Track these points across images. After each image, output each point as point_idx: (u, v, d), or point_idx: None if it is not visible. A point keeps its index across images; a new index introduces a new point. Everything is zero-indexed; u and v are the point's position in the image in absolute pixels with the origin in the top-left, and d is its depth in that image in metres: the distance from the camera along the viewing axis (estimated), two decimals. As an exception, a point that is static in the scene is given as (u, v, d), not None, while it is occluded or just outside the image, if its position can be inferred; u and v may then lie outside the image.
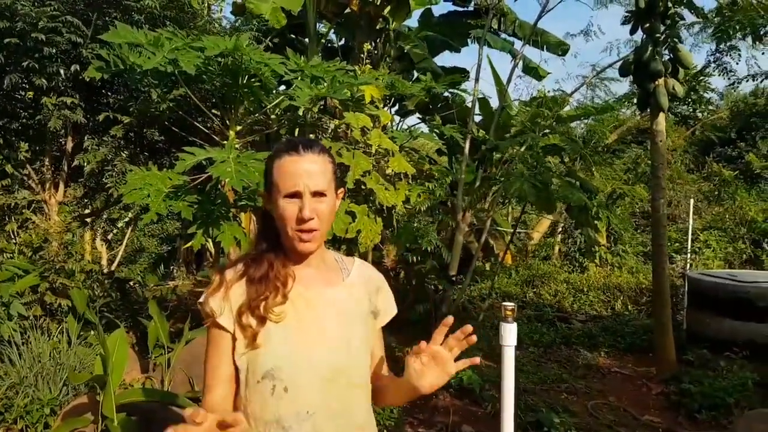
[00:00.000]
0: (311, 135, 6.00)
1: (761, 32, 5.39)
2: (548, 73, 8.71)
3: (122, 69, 3.57)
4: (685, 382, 4.93)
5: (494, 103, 8.49)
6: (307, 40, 7.96)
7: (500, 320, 1.92)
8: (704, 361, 5.28)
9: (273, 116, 5.38)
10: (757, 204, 9.60)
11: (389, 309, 1.42)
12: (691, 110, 13.11)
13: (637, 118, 11.86)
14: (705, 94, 12.62)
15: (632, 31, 5.44)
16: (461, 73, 7.39)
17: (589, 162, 5.73)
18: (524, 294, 8.65)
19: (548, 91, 7.49)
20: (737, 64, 5.42)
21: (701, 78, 10.68)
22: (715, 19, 5.62)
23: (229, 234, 3.49)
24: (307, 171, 1.22)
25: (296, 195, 1.22)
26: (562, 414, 4.46)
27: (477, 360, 1.26)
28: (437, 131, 5.81)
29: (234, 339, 1.23)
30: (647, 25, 5.29)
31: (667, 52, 5.29)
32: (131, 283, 4.45)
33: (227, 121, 4.00)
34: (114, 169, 3.92)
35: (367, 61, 4.66)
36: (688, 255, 7.35)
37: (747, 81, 5.23)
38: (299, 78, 4.01)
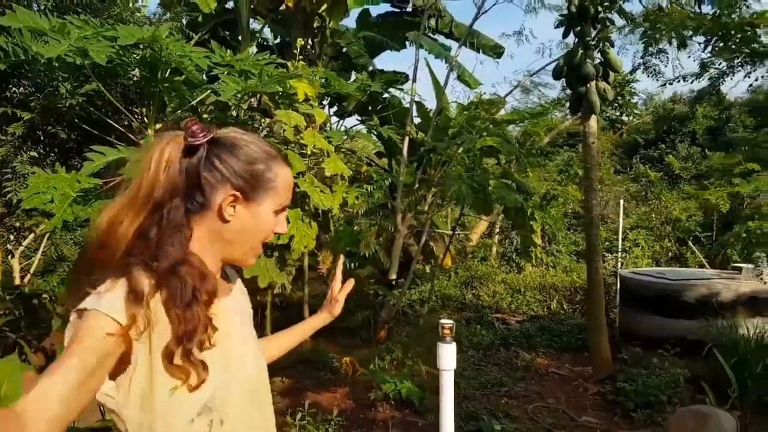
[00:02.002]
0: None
1: (685, 38, 5.54)
2: (480, 84, 8.76)
3: (23, 59, 3.21)
4: (620, 381, 4.99)
5: (432, 105, 8.46)
6: (240, 37, 7.65)
7: (438, 340, 1.77)
8: (638, 359, 5.37)
9: (205, 114, 5.08)
10: (678, 203, 10.02)
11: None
12: (617, 114, 13.61)
13: (567, 122, 12.16)
14: (631, 99, 13.14)
15: (565, 35, 5.49)
16: (400, 75, 7.28)
17: (524, 164, 5.75)
18: (463, 296, 8.64)
19: (483, 94, 7.50)
20: (665, 66, 5.64)
21: (628, 82, 11.09)
22: (644, 24, 5.75)
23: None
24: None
25: (283, 210, 1.14)
26: (502, 420, 4.40)
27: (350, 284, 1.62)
28: (376, 132, 5.66)
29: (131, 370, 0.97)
30: (579, 28, 5.34)
31: (598, 55, 5.36)
32: (42, 297, 4.03)
33: (146, 119, 3.69)
34: (13, 172, 3.52)
35: (300, 57, 4.44)
36: (619, 254, 7.55)
37: (678, 82, 5.37)
38: (226, 72, 3.76)
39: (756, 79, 4.45)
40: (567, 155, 10.58)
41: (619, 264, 7.50)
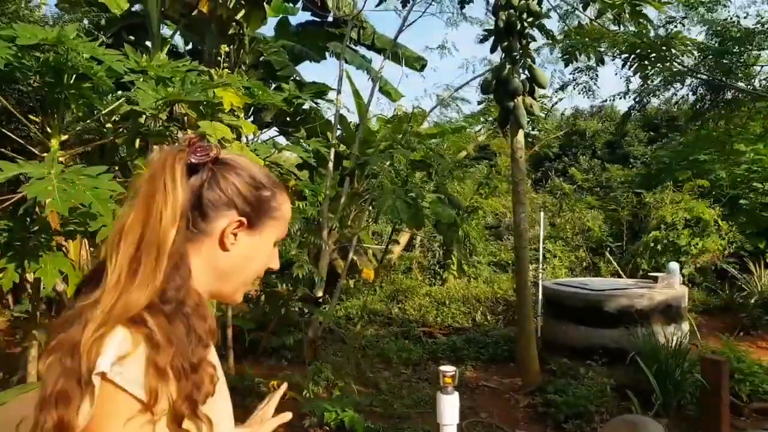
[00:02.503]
0: (156, 147, 5.30)
1: (602, 55, 5.77)
2: (402, 96, 8.77)
3: None
4: (550, 393, 5.04)
5: (354, 117, 8.34)
6: (149, 43, 7.17)
7: (438, 390, 1.60)
8: (565, 370, 5.47)
9: (108, 124, 4.64)
10: (590, 213, 10.49)
11: None
12: (530, 128, 14.12)
13: (483, 136, 12.46)
14: (541, 114, 13.69)
15: (492, 49, 5.55)
16: (323, 87, 7.11)
17: (451, 178, 5.74)
18: (389, 310, 8.53)
19: (403, 107, 7.47)
20: (595, 83, 5.88)
21: (543, 97, 11.54)
22: (564, 41, 5.94)
23: (51, 267, 2.80)
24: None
25: (278, 243, 1.05)
26: (441, 441, 4.28)
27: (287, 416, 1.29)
28: (304, 145, 5.43)
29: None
30: (506, 43, 5.41)
31: (525, 71, 5.45)
32: None
33: (48, 129, 3.27)
34: None
35: (225, 64, 4.15)
36: (540, 265, 7.74)
37: (608, 101, 5.55)
38: (141, 79, 3.42)
39: (681, 97, 4.66)
40: (485, 168, 10.79)
41: (540, 275, 7.69)
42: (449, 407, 1.48)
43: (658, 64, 4.83)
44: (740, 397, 5.04)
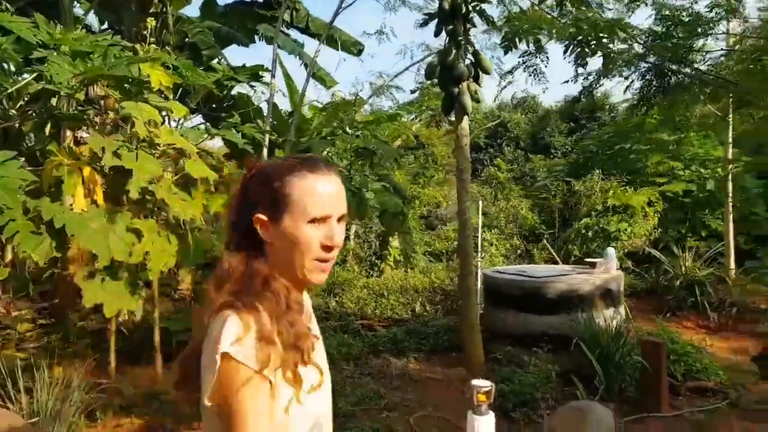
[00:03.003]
0: (69, 130, 4.79)
1: (540, 41, 5.75)
2: (336, 83, 8.50)
3: None
4: (496, 382, 5.01)
5: (285, 104, 8.01)
6: (59, 21, 6.52)
7: (469, 410, 1.37)
8: (510, 358, 5.45)
9: (12, 111, 4.14)
10: (524, 202, 10.66)
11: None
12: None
13: (417, 124, 12.40)
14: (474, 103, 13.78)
15: (436, 33, 5.40)
16: (260, 68, 6.72)
17: (393, 167, 5.56)
18: (327, 304, 8.29)
19: (343, 95, 7.23)
20: (546, 66, 5.83)
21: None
22: (504, 27, 5.87)
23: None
24: (337, 193, 1.13)
25: (323, 220, 1.10)
26: (390, 438, 4.13)
27: None
28: (238, 131, 5.05)
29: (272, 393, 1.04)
30: (450, 27, 5.28)
31: (470, 56, 5.34)
32: None
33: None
34: None
35: (152, 40, 3.75)
36: (479, 253, 7.74)
37: (569, 82, 5.51)
38: (55, 54, 3.01)
39: (631, 82, 4.68)
40: (421, 158, 10.71)
41: (479, 263, 7.69)
42: (485, 429, 1.25)
43: (599, 51, 4.84)
44: (675, 377, 5.20)
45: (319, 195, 1.09)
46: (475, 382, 1.29)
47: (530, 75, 4.80)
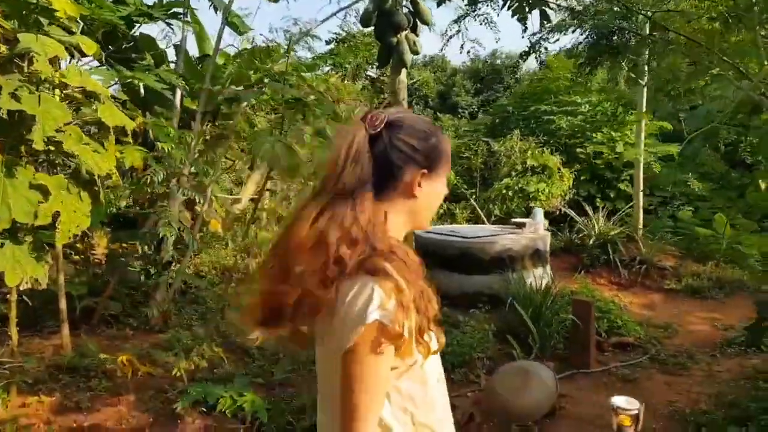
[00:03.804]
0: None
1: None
2: (249, 29, 7.85)
3: None
4: (434, 344, 4.93)
5: (192, 49, 7.31)
6: None
7: None
8: (445, 319, 5.40)
9: None
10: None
11: None
12: (379, 73, 13.90)
13: (334, 77, 11.94)
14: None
15: (372, -23, 5.02)
16: (177, 4, 5.99)
17: (336, 119, 5.19)
18: (246, 266, 7.84)
19: (264, 39, 6.65)
20: (498, 15, 5.60)
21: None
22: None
23: None
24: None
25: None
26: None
27: None
28: (154, 76, 4.41)
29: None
30: (388, -30, 4.93)
31: (407, 5, 5.03)
32: None
33: None
34: None
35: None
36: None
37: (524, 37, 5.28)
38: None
39: (579, 43, 4.56)
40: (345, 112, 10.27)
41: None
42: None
43: (536, 7, 4.70)
44: (599, 334, 5.40)
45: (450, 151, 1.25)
46: (616, 400, 1.06)
47: (481, 24, 4.57)
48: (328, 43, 13.07)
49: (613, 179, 9.77)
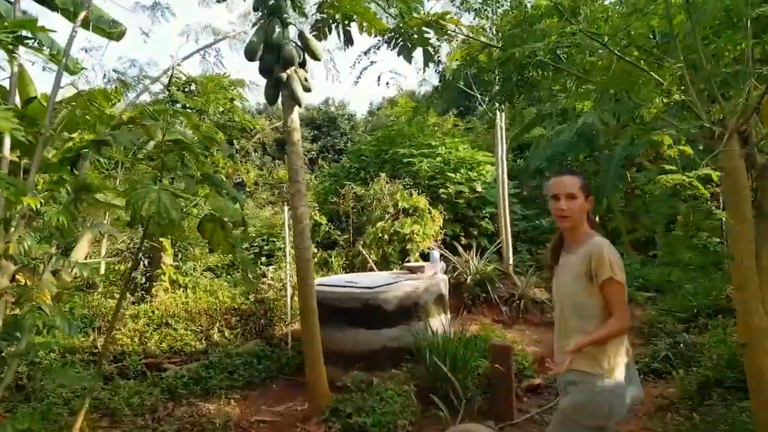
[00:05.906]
0: None
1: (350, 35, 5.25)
2: (82, 69, 6.72)
3: None
4: (351, 415, 4.28)
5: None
6: None
7: None
8: (358, 383, 4.80)
9: None
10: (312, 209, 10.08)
11: (601, 271, 2.37)
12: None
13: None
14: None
15: (255, 7, 4.50)
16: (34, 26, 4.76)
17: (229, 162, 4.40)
18: (93, 343, 6.49)
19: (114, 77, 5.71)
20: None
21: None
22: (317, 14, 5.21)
23: None
24: (563, 182, 2.54)
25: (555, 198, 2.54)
26: None
27: None
28: None
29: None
30: (273, 1, 4.44)
31: (294, 39, 4.56)
32: None
33: None
34: None
35: None
36: (287, 264, 6.86)
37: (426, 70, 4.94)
38: None
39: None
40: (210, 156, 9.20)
41: (287, 275, 6.84)
42: None
43: (420, 47, 4.51)
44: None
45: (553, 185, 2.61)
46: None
47: (399, 54, 4.20)
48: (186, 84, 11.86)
49: (474, 217, 10.00)
